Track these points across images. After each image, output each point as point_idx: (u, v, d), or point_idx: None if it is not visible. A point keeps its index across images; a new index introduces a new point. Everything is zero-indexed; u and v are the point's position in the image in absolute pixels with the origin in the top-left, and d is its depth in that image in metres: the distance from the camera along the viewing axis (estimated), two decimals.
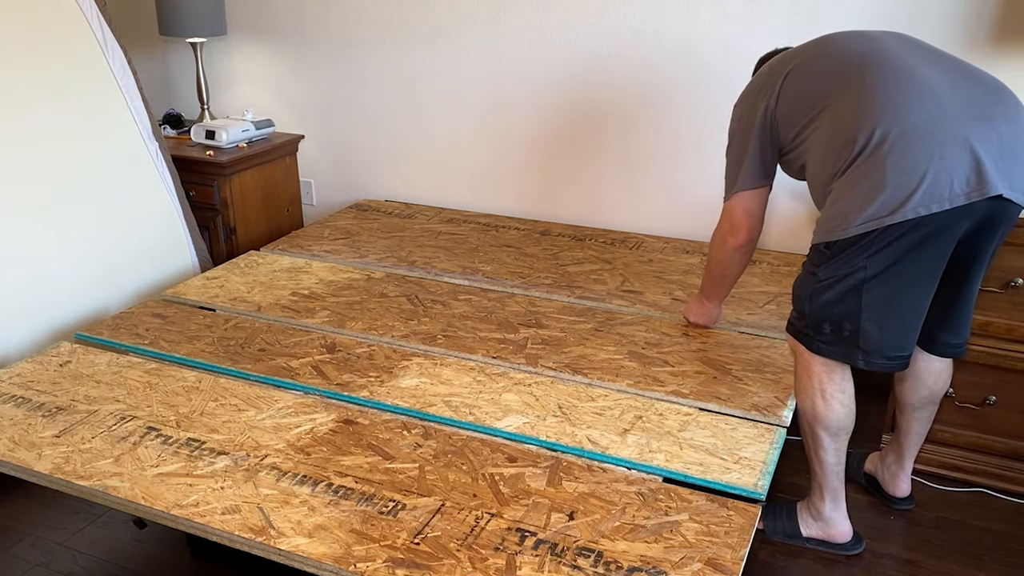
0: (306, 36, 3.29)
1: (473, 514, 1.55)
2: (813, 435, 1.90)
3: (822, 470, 1.94)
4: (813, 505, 2.02)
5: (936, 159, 1.61)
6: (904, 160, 1.63)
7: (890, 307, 1.75)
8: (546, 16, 2.91)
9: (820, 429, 1.88)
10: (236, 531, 1.50)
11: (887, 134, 1.64)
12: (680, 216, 2.95)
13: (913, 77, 1.70)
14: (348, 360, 2.10)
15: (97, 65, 2.63)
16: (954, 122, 1.63)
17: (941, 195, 1.61)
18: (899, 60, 1.74)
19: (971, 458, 2.29)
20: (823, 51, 1.88)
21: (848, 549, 2.03)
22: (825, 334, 1.81)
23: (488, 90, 3.08)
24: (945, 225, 1.66)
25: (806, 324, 1.84)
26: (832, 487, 1.96)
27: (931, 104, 1.66)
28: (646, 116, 2.89)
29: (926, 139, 1.63)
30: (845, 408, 1.86)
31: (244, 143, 3.19)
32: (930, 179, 1.61)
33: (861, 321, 1.76)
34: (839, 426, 1.87)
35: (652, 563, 1.43)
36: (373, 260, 2.72)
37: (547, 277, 2.58)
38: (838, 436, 1.89)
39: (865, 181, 1.67)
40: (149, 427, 1.82)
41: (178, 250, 2.82)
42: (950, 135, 1.62)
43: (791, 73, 1.87)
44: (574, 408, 1.89)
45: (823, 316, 1.80)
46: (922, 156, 1.62)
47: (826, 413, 1.86)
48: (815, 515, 2.02)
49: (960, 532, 2.13)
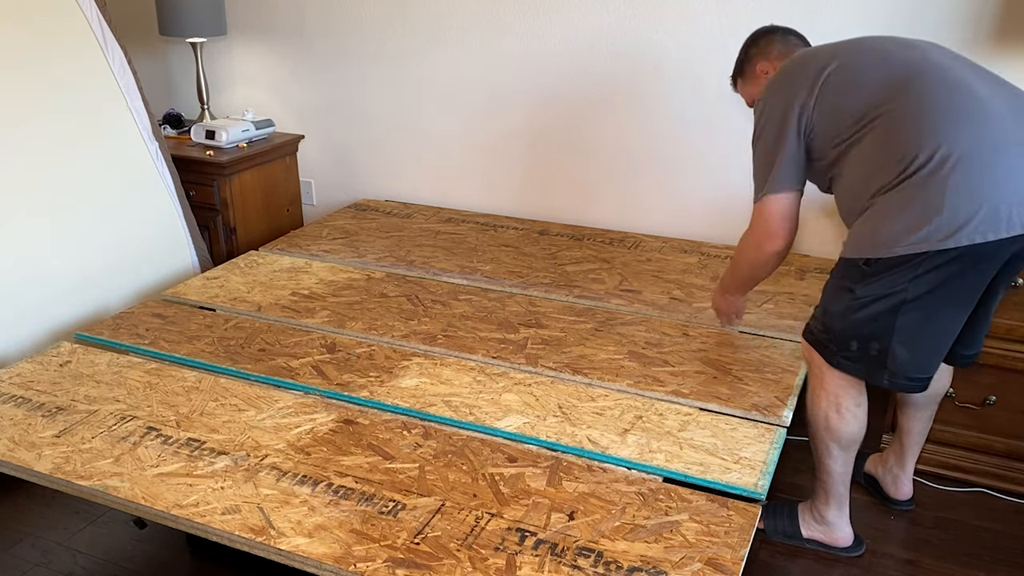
0: (306, 36, 3.29)
1: (473, 514, 1.55)
2: (823, 445, 1.89)
3: (829, 478, 1.93)
4: (816, 508, 2.02)
5: (998, 185, 1.57)
6: (965, 184, 1.57)
7: (924, 331, 1.70)
8: (546, 16, 2.91)
9: (831, 441, 1.87)
10: (236, 531, 1.50)
11: (950, 154, 1.58)
12: (678, 216, 2.95)
13: (972, 95, 1.64)
14: (348, 360, 2.10)
15: (97, 65, 2.63)
16: (1009, 147, 1.59)
17: (998, 223, 1.57)
18: (953, 74, 1.67)
19: (971, 458, 2.29)
20: (867, 56, 1.77)
21: (849, 553, 2.03)
22: (851, 351, 1.76)
23: (487, 90, 3.08)
24: (992, 253, 1.61)
25: (831, 338, 1.79)
26: (838, 494, 1.96)
27: (992, 125, 1.61)
28: (645, 116, 2.89)
29: (989, 163, 1.58)
30: (858, 422, 1.84)
31: (244, 143, 3.19)
32: (989, 206, 1.56)
33: (892, 343, 1.70)
34: (851, 439, 1.86)
35: (652, 563, 1.43)
36: (372, 260, 2.72)
37: (546, 277, 2.59)
38: (849, 448, 1.88)
39: (920, 200, 1.60)
40: (149, 427, 1.82)
41: (178, 250, 2.82)
42: (1009, 160, 1.58)
43: (833, 74, 1.76)
44: (574, 408, 1.89)
45: (853, 334, 1.74)
46: (984, 181, 1.57)
47: (839, 426, 1.84)
48: (818, 518, 2.02)
49: (960, 532, 2.13)
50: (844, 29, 2.55)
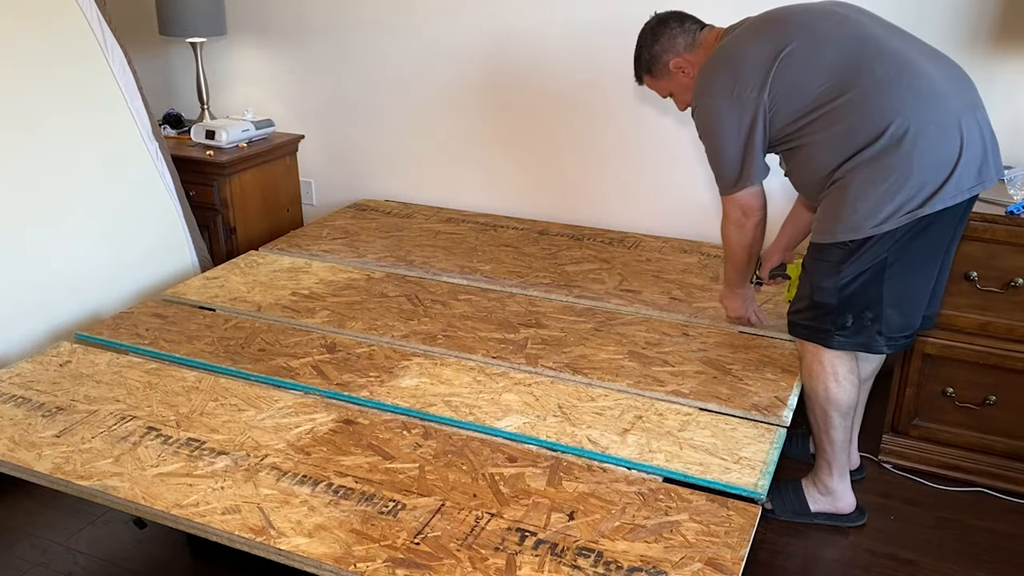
0: (306, 36, 3.30)
1: (473, 514, 1.55)
2: (825, 416, 1.97)
3: (832, 448, 2.01)
4: (820, 481, 2.08)
5: (960, 152, 1.72)
6: (931, 155, 1.71)
7: (907, 290, 1.86)
8: (545, 16, 2.91)
9: (832, 410, 1.95)
10: (236, 531, 1.50)
11: (907, 128, 1.71)
12: (678, 215, 2.95)
13: (919, 70, 1.76)
14: (348, 360, 2.10)
15: (97, 65, 2.63)
16: (960, 114, 1.73)
17: (960, 188, 1.73)
18: (899, 51, 1.79)
19: (971, 458, 2.29)
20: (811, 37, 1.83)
21: (854, 520, 2.10)
22: (846, 328, 1.86)
23: (486, 90, 3.08)
24: (953, 212, 1.77)
25: (823, 321, 1.88)
26: (840, 462, 2.04)
27: (941, 98, 1.74)
28: (645, 116, 2.89)
29: (947, 133, 1.72)
30: (855, 388, 1.95)
31: (244, 143, 3.19)
32: (958, 172, 1.72)
33: (883, 308, 1.84)
34: (850, 405, 1.95)
35: (652, 563, 1.43)
36: (372, 260, 2.72)
37: (546, 276, 2.58)
38: (847, 415, 1.97)
39: (890, 176, 1.73)
40: (149, 427, 1.82)
41: (178, 250, 2.82)
42: (963, 127, 1.73)
43: (782, 62, 1.83)
44: (574, 408, 1.89)
45: (846, 307, 1.85)
46: (948, 150, 1.72)
47: (839, 394, 1.93)
48: (823, 490, 2.08)
49: (960, 532, 2.13)
50: None
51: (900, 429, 2.34)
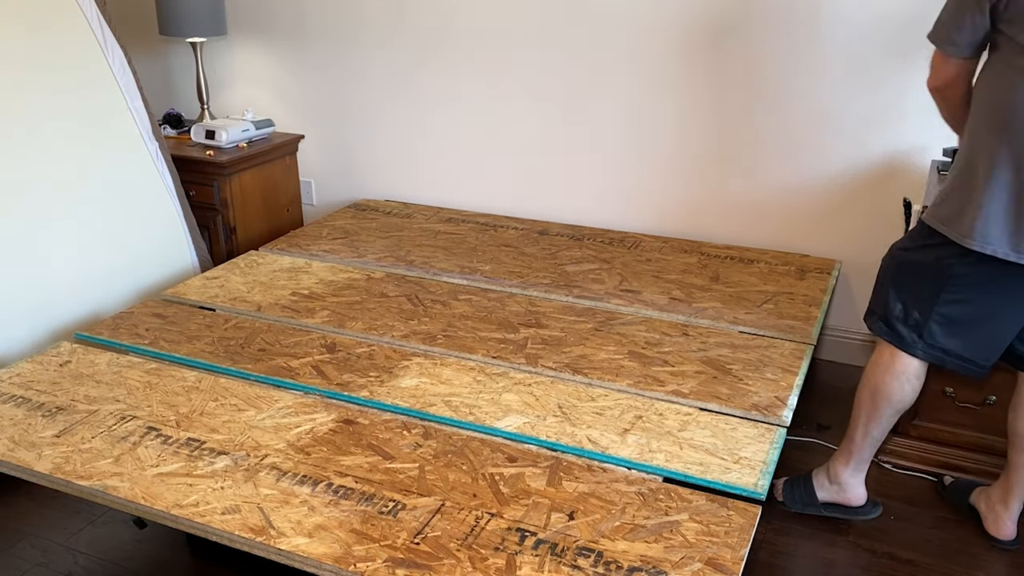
0: (306, 36, 3.30)
1: (473, 514, 1.55)
2: (872, 407, 1.93)
3: (864, 440, 1.97)
4: (832, 469, 2.06)
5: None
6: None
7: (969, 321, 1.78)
8: (545, 16, 2.91)
9: (883, 403, 1.91)
10: (236, 531, 1.50)
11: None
12: (678, 215, 2.95)
13: None
14: (348, 360, 2.10)
15: (97, 65, 2.63)
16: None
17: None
18: None
19: (971, 458, 2.29)
20: None
21: (865, 513, 2.07)
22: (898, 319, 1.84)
23: (486, 89, 3.08)
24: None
25: (913, 321, 1.83)
26: (863, 456, 2.01)
27: None
28: (645, 115, 2.89)
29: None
30: (915, 392, 1.90)
31: (244, 143, 3.19)
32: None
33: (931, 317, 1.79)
34: (904, 404, 1.91)
35: (652, 563, 1.43)
36: (372, 260, 2.72)
37: (546, 276, 2.59)
38: (897, 414, 1.93)
39: None
40: (149, 427, 1.82)
41: (178, 250, 2.82)
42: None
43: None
44: (574, 408, 1.89)
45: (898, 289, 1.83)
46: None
47: (894, 391, 1.89)
48: (831, 478, 2.06)
49: (960, 532, 2.13)
50: (850, 23, 2.57)
51: (900, 429, 2.34)
